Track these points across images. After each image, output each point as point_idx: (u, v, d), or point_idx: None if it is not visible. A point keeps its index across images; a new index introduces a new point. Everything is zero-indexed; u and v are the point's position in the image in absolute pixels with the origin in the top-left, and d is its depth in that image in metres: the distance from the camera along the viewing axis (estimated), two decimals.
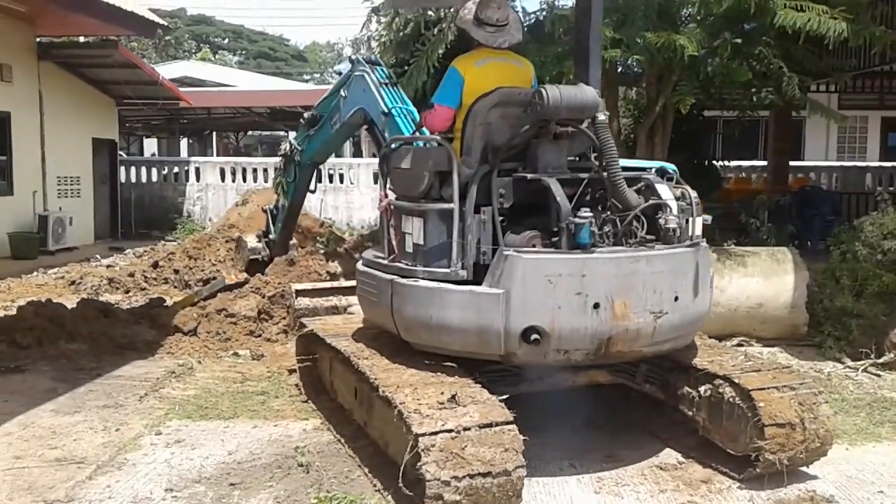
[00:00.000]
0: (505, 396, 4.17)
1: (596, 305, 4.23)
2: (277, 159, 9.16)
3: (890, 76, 17.11)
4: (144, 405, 5.93)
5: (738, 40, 8.37)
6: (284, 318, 8.01)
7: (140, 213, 19.09)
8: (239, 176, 19.38)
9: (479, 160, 4.53)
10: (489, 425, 3.86)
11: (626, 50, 8.02)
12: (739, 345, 7.35)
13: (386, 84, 6.74)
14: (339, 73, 8.53)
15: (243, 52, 66.40)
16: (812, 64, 9.02)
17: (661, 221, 4.48)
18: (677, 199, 4.66)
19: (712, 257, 5.78)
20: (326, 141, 7.99)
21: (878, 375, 6.71)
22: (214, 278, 10.89)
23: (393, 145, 4.99)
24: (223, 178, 19.45)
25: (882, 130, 21.96)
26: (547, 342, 4.24)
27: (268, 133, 33.63)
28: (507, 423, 3.89)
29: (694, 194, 4.74)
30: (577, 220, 4.20)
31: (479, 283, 4.39)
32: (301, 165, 8.56)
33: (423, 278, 4.52)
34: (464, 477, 3.69)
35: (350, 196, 19.06)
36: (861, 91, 17.94)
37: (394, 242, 4.75)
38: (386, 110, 6.48)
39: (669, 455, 4.95)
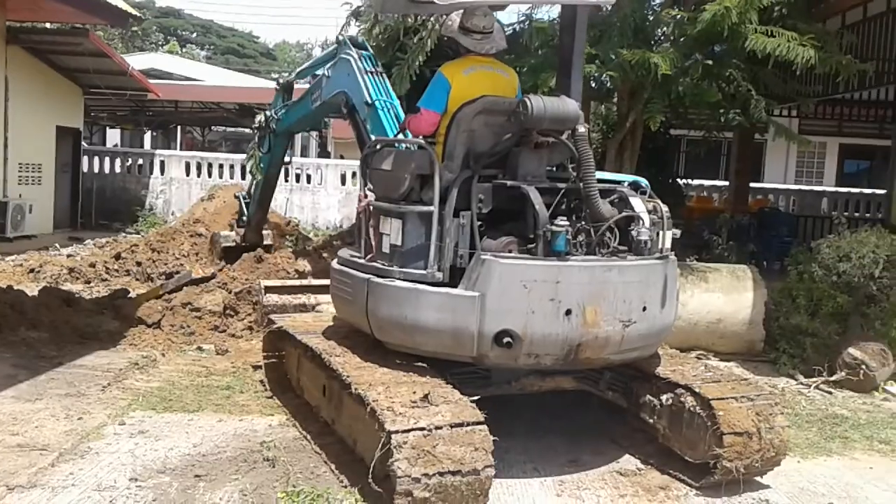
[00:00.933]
0: (475, 398, 4.23)
1: (568, 312, 4.33)
2: (243, 156, 9.21)
3: (849, 104, 17.61)
4: (107, 395, 5.89)
5: (709, 62, 8.58)
6: (250, 315, 8.00)
7: (101, 204, 18.77)
8: (204, 171, 19.19)
9: (460, 165, 4.61)
10: (461, 424, 3.93)
11: (600, 66, 8.18)
12: (698, 358, 7.50)
13: (372, 73, 6.67)
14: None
15: (212, 47, 65.76)
16: (778, 88, 9.28)
17: (634, 233, 4.60)
18: (649, 212, 4.78)
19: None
20: (305, 115, 8.03)
21: (830, 393, 6.92)
22: (178, 272, 10.81)
23: (376, 146, 5.04)
24: (188, 173, 19.24)
25: (839, 156, 22.57)
26: (519, 346, 4.32)
27: (232, 129, 33.34)
28: (478, 423, 3.97)
29: (665, 208, 4.87)
30: (553, 227, 4.30)
31: (455, 286, 4.47)
32: (276, 134, 8.62)
33: (399, 279, 4.57)
34: (434, 474, 3.75)
35: (317, 196, 18.99)
36: (821, 117, 18.42)
37: (372, 242, 4.80)
38: (370, 101, 6.44)
39: (629, 461, 5.07)
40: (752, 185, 17.16)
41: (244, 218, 9.22)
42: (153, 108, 22.44)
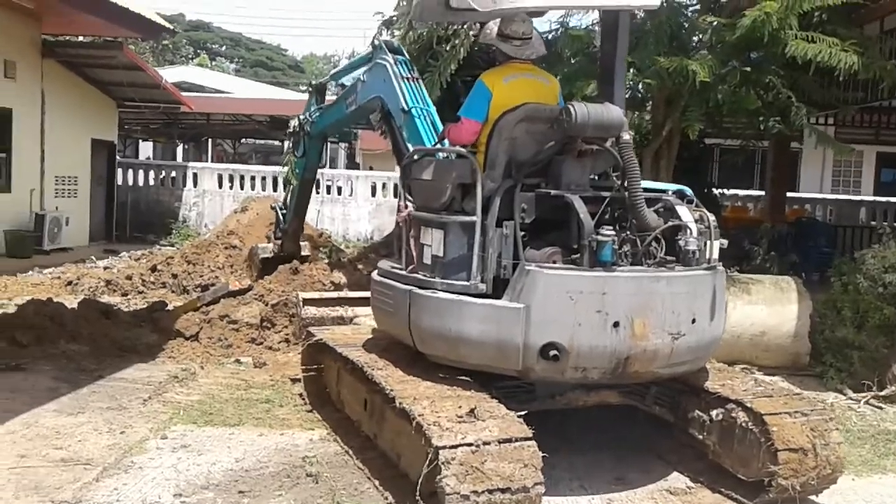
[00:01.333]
0: (522, 413, 4.14)
1: (616, 324, 4.24)
2: (277, 167, 9.22)
3: (888, 112, 17.30)
4: (148, 409, 5.88)
5: (747, 68, 8.44)
6: (287, 327, 7.97)
7: (135, 217, 18.99)
8: (237, 183, 19.33)
9: (502, 174, 4.54)
10: (509, 440, 3.85)
11: (637, 73, 8.08)
12: (744, 371, 7.35)
13: (408, 79, 6.59)
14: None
15: (240, 59, 66.55)
16: (818, 95, 9.12)
17: (681, 243, 4.50)
18: (696, 221, 4.67)
19: None
20: (340, 119, 8.01)
21: (881, 408, 6.73)
22: (213, 284, 10.86)
23: (415, 156, 4.99)
24: (220, 185, 19.39)
25: (877, 165, 22.18)
26: (566, 359, 4.24)
27: (262, 142, 33.64)
28: (527, 438, 3.88)
29: (712, 218, 4.77)
30: (599, 237, 4.21)
31: (498, 297, 4.39)
32: (310, 137, 8.61)
33: (441, 290, 4.51)
34: (483, 492, 3.67)
35: (347, 208, 19.03)
36: (858, 125, 18.11)
37: (413, 253, 4.74)
38: (406, 108, 6.37)
39: (678, 479, 4.95)
40: (789, 194, 16.89)
41: (281, 228, 9.20)
42: (185, 120, 22.71)
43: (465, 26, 8.46)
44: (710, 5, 9.05)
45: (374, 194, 19.24)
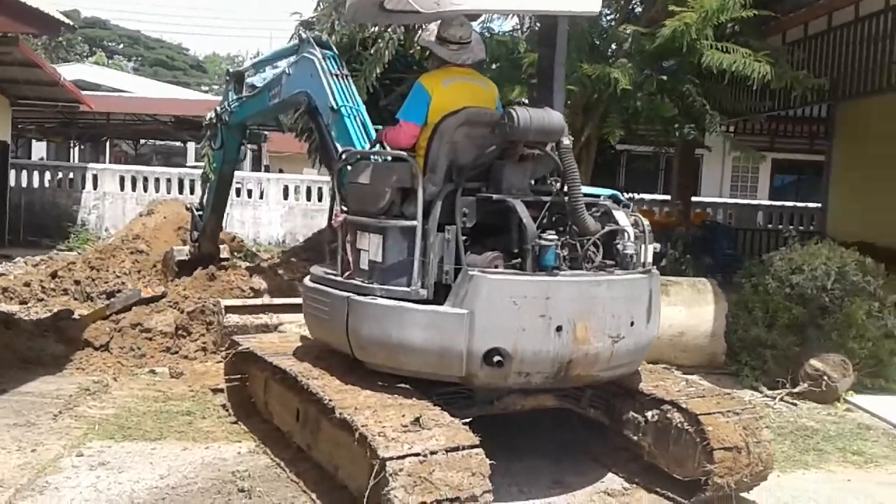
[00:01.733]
0: (467, 420, 4.08)
1: (559, 328, 4.23)
2: (183, 169, 8.88)
3: (781, 120, 18.14)
4: (60, 424, 5.54)
5: (663, 77, 8.66)
6: (203, 335, 7.66)
7: (29, 220, 17.92)
8: (140, 185, 18.56)
9: (443, 178, 4.46)
10: (456, 449, 3.78)
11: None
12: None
13: (337, 76, 6.33)
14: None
15: (139, 58, 64.42)
16: (729, 104, 9.44)
17: (619, 247, 4.54)
18: (632, 226, 4.71)
19: None
20: (261, 111, 7.74)
21: (795, 405, 6.99)
22: (119, 291, 10.36)
23: (350, 160, 4.86)
24: (122, 187, 18.59)
25: (772, 171, 23.23)
26: (509, 365, 4.19)
27: (162, 143, 32.51)
28: (474, 446, 3.82)
29: (646, 222, 4.83)
30: (542, 242, 4.20)
31: (440, 303, 4.31)
32: (229, 127, 8.30)
33: (381, 296, 4.40)
34: (432, 502, 3.58)
35: (258, 211, 18.57)
36: (755, 133, 18.92)
37: (349, 259, 4.61)
38: (335, 106, 6.13)
39: (614, 480, 4.99)
40: (692, 199, 17.47)
41: (199, 228, 8.85)
42: (84, 120, 21.68)
43: (391, 29, 8.36)
44: (627, 15, 9.24)
45: (286, 197, 18.84)
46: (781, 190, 23.55)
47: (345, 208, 4.78)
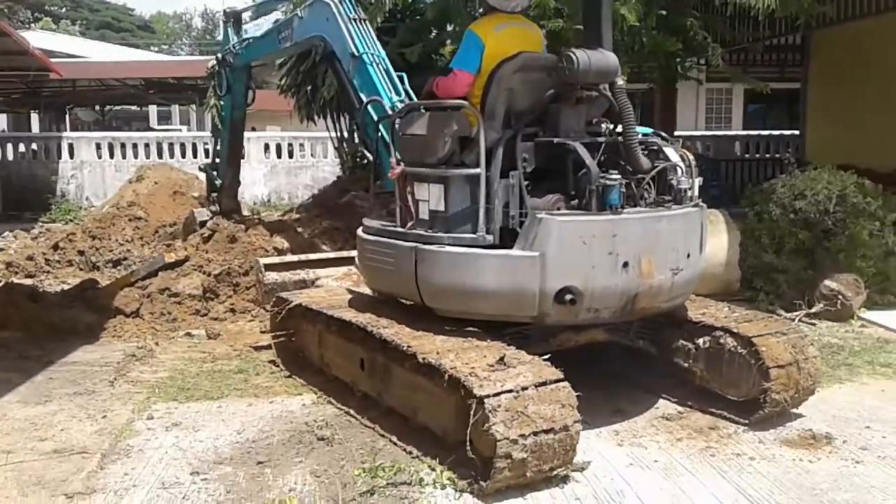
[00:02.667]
0: (546, 356, 4.24)
1: (625, 264, 4.38)
2: (161, 133, 8.79)
3: (752, 50, 18.30)
4: (119, 390, 5.62)
5: (664, 12, 8.73)
6: (230, 297, 7.74)
7: (7, 194, 17.64)
8: (118, 152, 18.27)
9: (501, 125, 4.55)
10: (544, 384, 3.94)
11: (567, 19, 8.19)
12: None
13: (355, 20, 6.26)
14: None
15: (84, 21, 62.55)
16: (729, 35, 9.56)
17: (674, 182, 4.68)
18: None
19: None
20: (270, 53, 7.68)
21: (813, 324, 7.28)
22: (125, 258, 10.36)
23: (408, 111, 4.90)
24: (100, 155, 18.28)
25: (745, 101, 23.50)
26: (581, 302, 4.35)
27: (119, 107, 31.73)
28: (560, 380, 3.99)
29: (691, 157, 4.97)
30: (607, 181, 4.32)
31: (505, 247, 4.44)
32: (234, 69, 8.20)
33: (448, 244, 4.51)
34: (529, 434, 3.76)
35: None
36: (727, 64, 19.04)
37: (411, 209, 4.70)
38: (356, 53, 6.08)
39: (668, 406, 5.21)
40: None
41: (216, 184, 8.78)
42: (49, 88, 21.14)
43: None
44: None
45: (266, 156, 18.68)
46: (755, 117, 23.87)
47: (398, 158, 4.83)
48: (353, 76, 6.26)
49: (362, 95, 6.18)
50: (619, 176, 4.36)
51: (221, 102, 8.52)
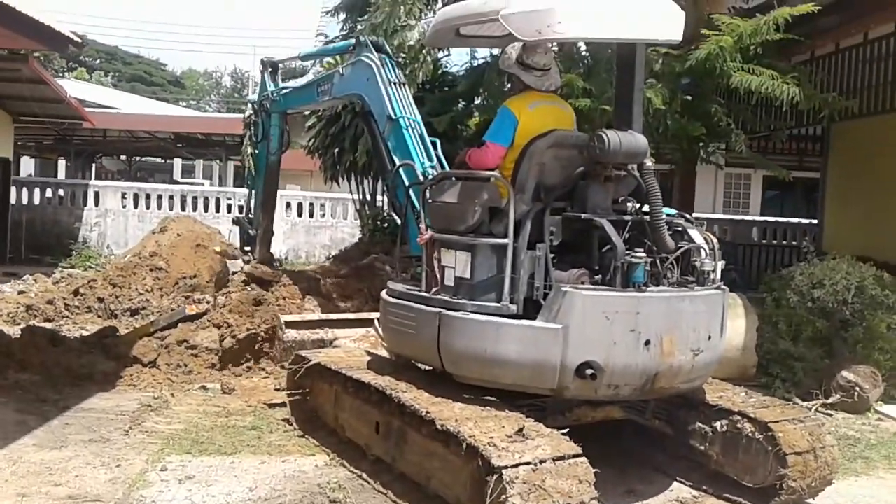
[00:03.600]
0: (564, 430, 4.24)
1: (647, 342, 4.42)
2: (186, 186, 8.92)
3: (774, 139, 18.54)
4: (133, 440, 5.63)
5: (688, 97, 8.92)
6: (248, 356, 7.74)
7: (31, 237, 17.87)
8: (142, 202, 18.56)
9: (531, 198, 4.65)
10: (562, 458, 3.94)
11: (594, 99, 8.39)
12: None
13: (394, 83, 6.41)
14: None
15: (117, 74, 64.20)
16: (753, 123, 9.74)
17: (697, 264, 4.74)
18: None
19: None
20: (307, 104, 7.82)
21: (830, 415, 7.22)
22: (143, 308, 10.44)
23: (440, 179, 5.03)
24: (124, 205, 18.57)
25: (763, 187, 23.70)
26: (601, 377, 4.37)
27: (144, 159, 32.29)
28: (578, 455, 3.99)
29: (715, 240, 5.04)
30: (632, 259, 4.39)
31: (529, 319, 4.49)
32: (270, 114, 8.35)
33: (473, 312, 4.56)
34: None
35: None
36: (749, 150, 19.27)
37: (437, 275, 4.77)
38: (393, 116, 6.21)
39: (682, 489, 5.17)
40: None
41: (249, 234, 8.85)
42: (80, 136, 21.63)
43: (425, 51, 8.56)
44: None
45: (288, 213, 18.92)
46: (772, 203, 24.05)
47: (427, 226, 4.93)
48: (388, 138, 6.39)
49: (395, 158, 6.31)
50: (643, 254, 4.42)
51: (257, 150, 8.69)
